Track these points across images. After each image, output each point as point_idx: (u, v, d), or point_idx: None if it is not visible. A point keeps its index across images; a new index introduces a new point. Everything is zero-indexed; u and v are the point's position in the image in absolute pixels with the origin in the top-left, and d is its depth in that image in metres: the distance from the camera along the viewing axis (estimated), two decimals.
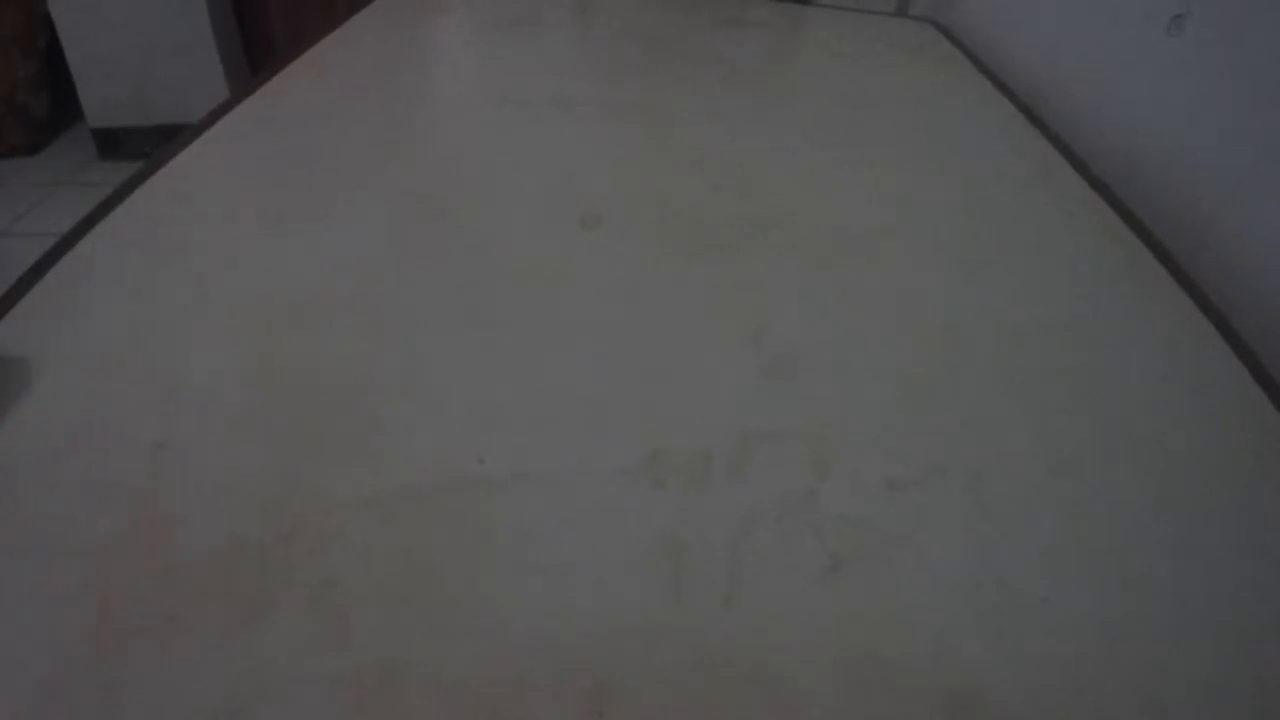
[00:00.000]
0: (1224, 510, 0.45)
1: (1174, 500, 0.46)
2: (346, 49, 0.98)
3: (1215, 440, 0.50)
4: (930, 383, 0.52)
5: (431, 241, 0.62)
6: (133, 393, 0.46)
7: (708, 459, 0.45)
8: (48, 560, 0.37)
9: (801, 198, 0.72)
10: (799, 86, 1.04)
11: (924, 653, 0.37)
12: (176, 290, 0.54)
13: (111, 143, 2.21)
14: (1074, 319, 0.60)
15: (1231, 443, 0.50)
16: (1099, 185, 0.78)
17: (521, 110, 0.85)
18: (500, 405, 0.47)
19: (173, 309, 0.53)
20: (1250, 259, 0.72)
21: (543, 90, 0.89)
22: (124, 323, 0.51)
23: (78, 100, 2.16)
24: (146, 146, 2.11)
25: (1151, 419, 0.51)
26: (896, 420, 0.49)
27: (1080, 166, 0.81)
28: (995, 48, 1.16)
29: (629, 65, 1.03)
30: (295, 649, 0.34)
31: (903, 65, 1.08)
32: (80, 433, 0.43)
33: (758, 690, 0.35)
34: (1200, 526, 0.44)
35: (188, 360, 0.49)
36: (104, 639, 0.34)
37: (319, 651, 0.34)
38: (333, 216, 0.63)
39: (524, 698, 0.34)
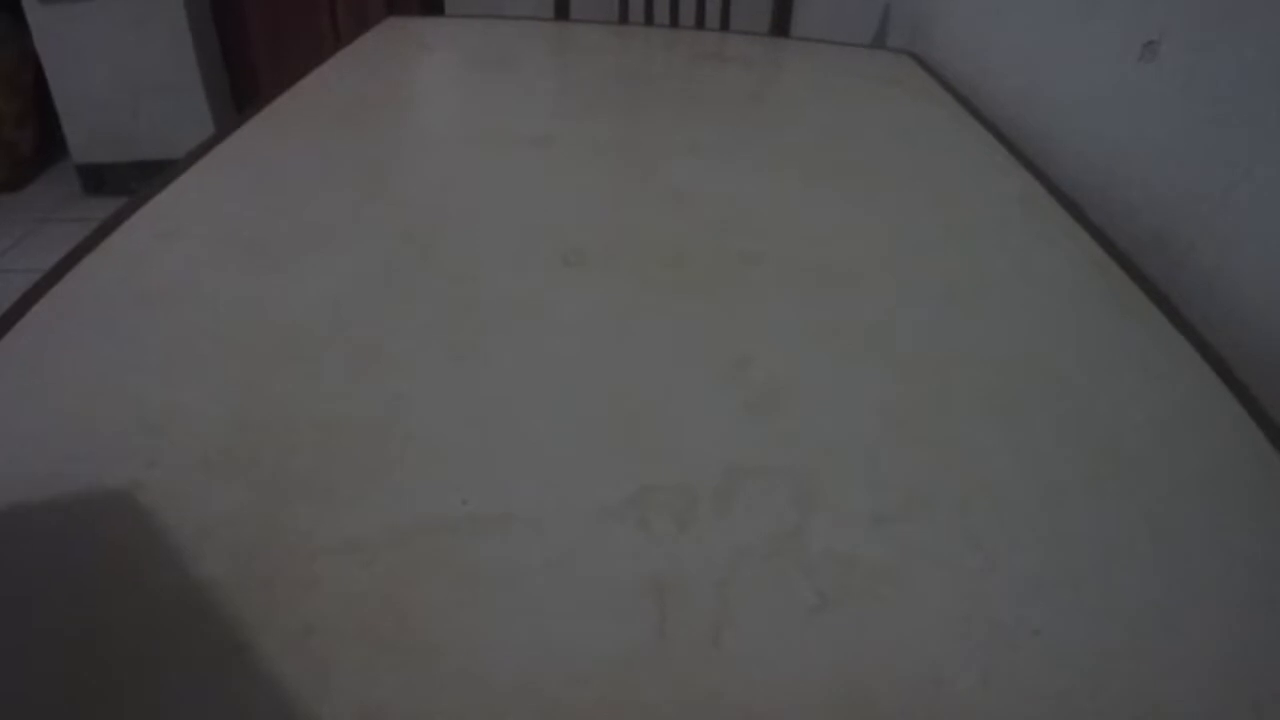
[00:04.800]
0: (1215, 538, 0.45)
1: (1164, 528, 0.46)
2: (330, 86, 0.98)
3: (1202, 466, 0.50)
4: (915, 415, 0.52)
5: (415, 280, 0.62)
6: (113, 432, 0.46)
7: (693, 496, 0.44)
8: (24, 601, 0.36)
9: (783, 231, 0.73)
10: (779, 120, 1.05)
11: (915, 688, 0.36)
12: (159, 328, 0.54)
13: (96, 179, 2.20)
14: (1058, 347, 0.60)
15: (1218, 468, 0.50)
16: (1078, 213, 0.79)
17: (504, 147, 0.86)
18: (484, 445, 0.47)
19: (155, 346, 0.52)
20: (1229, 281, 0.73)
21: (525, 127, 0.90)
22: (106, 360, 0.51)
23: (63, 136, 2.16)
24: (132, 183, 2.11)
25: (1138, 446, 0.51)
26: (882, 453, 0.49)
27: (1059, 194, 0.82)
28: (972, 78, 1.18)
29: (610, 102, 1.04)
30: (274, 696, 0.33)
31: (881, 97, 1.10)
32: (59, 471, 0.43)
33: None
34: (1191, 554, 0.44)
35: (168, 398, 0.48)
36: (79, 683, 0.33)
37: (298, 698, 0.33)
38: (315, 254, 0.63)
39: None
